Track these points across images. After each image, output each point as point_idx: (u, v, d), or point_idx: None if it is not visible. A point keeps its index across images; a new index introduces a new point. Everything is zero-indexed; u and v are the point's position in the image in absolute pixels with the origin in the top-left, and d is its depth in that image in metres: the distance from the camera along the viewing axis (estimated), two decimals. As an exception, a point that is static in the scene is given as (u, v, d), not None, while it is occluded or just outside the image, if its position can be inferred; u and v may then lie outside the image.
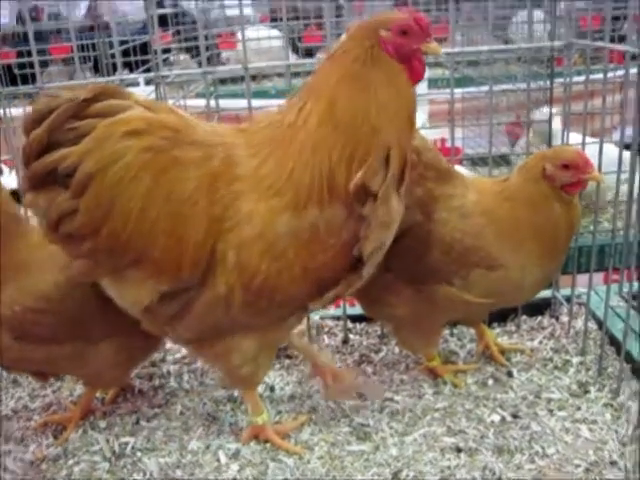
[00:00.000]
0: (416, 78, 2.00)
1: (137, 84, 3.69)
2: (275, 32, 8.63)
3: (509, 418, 2.43)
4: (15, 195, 2.27)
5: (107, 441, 2.44)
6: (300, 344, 2.60)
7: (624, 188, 2.54)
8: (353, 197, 1.94)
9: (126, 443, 2.43)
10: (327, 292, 2.05)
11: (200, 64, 2.89)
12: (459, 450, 2.27)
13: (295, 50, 8.55)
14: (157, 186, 1.91)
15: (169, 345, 2.99)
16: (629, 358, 2.59)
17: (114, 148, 1.87)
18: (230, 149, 2.00)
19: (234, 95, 6.37)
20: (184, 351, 2.96)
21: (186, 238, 1.95)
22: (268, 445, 2.34)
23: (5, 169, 4.76)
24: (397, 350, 2.89)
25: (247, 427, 2.41)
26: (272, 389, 2.69)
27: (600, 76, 2.69)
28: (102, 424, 2.54)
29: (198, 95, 5.63)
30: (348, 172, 1.93)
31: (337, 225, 1.96)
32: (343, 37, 2.08)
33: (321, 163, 1.93)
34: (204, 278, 1.99)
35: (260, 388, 2.66)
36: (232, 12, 8.08)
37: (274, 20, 10.17)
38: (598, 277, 2.73)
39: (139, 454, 2.37)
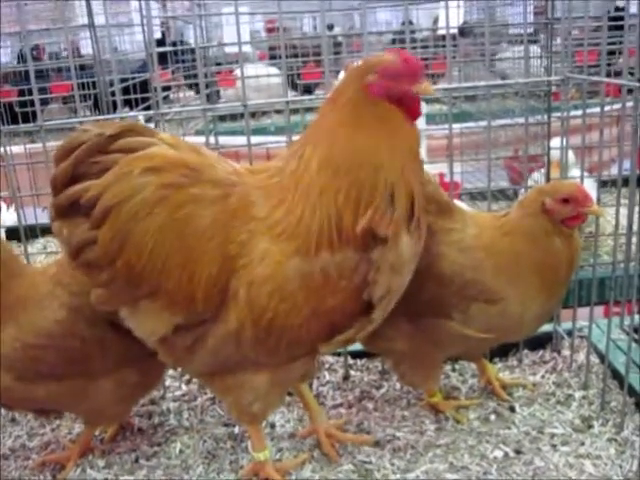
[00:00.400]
0: (412, 117, 2.02)
1: (137, 121, 3.71)
2: (274, 69, 8.71)
3: (512, 454, 2.40)
4: (12, 233, 2.28)
5: (106, 480, 2.41)
6: (307, 397, 2.58)
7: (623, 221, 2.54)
8: (361, 241, 1.94)
9: (125, 482, 2.40)
10: (338, 335, 2.05)
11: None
12: (462, 487, 2.25)
13: (294, 87, 8.63)
14: (172, 221, 1.96)
15: (169, 382, 2.98)
16: (632, 391, 2.57)
17: (132, 183, 1.93)
18: (248, 189, 2.03)
19: (233, 132, 6.42)
20: (184, 388, 2.94)
21: (199, 272, 1.98)
22: (269, 483, 2.32)
23: (3, 206, 4.77)
24: (398, 386, 2.87)
25: (248, 463, 2.38)
26: (273, 426, 2.66)
27: (597, 110, 2.71)
28: (101, 463, 2.51)
29: (198, 132, 5.68)
30: (355, 215, 1.94)
31: (348, 269, 1.96)
32: (340, 78, 2.10)
33: (328, 207, 1.95)
34: (217, 313, 2.01)
35: (260, 425, 2.64)
36: (231, 50, 8.15)
37: (273, 57, 10.27)
38: (599, 310, 2.72)
39: (138, 493, 2.35)
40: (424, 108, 2.89)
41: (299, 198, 1.98)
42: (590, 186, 2.50)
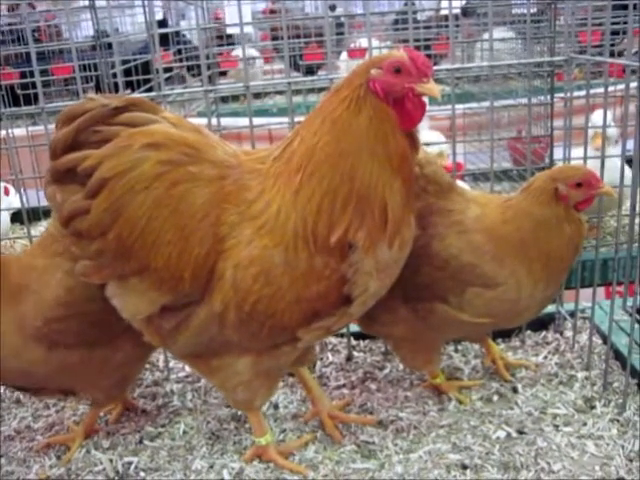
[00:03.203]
0: (408, 124, 1.96)
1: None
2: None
3: (515, 434, 2.41)
4: (15, 215, 2.27)
5: (110, 461, 2.43)
6: (309, 380, 2.59)
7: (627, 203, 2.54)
8: (338, 250, 1.94)
9: (129, 463, 2.42)
10: (316, 322, 2.04)
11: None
12: (465, 467, 2.26)
13: (296, 68, 8.59)
14: (167, 197, 1.97)
15: (172, 364, 2.99)
16: (634, 372, 2.58)
17: (132, 157, 1.94)
18: (244, 173, 2.04)
19: (235, 113, 6.40)
20: (187, 370, 2.95)
21: (189, 251, 1.98)
22: (272, 464, 2.33)
23: (12, 190, 4.75)
24: (401, 367, 2.88)
25: (251, 447, 2.40)
26: (276, 407, 2.68)
27: (600, 90, 2.69)
28: (105, 444, 2.53)
29: (200, 114, 5.66)
30: (329, 226, 1.93)
31: (328, 268, 1.97)
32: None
33: (303, 211, 1.95)
34: (203, 294, 2.02)
35: (264, 406, 2.65)
36: (233, 30, 8.11)
37: (275, 38, 10.23)
38: (602, 291, 2.72)
39: (142, 474, 2.36)
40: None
41: (276, 193, 1.98)
42: (594, 166, 2.48)
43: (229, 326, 2.04)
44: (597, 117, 3.41)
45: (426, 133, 3.89)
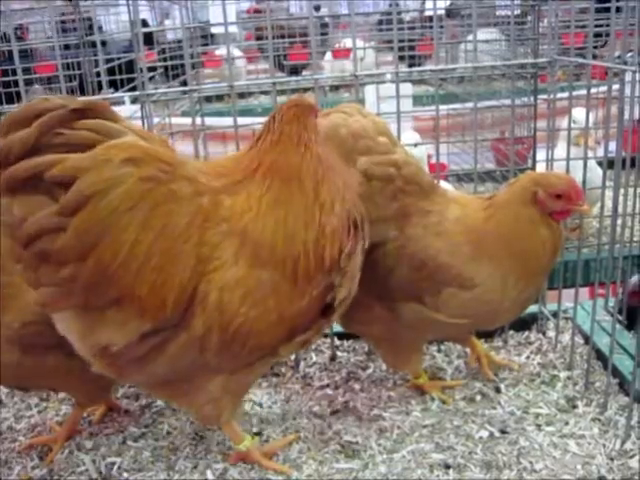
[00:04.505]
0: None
1: (122, 102, 3.68)
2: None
3: (497, 434, 2.42)
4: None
5: (93, 462, 2.42)
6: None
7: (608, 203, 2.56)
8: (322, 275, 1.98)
9: (113, 463, 2.40)
10: (297, 337, 2.03)
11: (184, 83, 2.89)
12: (448, 466, 2.26)
13: (281, 68, 8.59)
14: (152, 218, 1.82)
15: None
16: (616, 372, 2.59)
17: (113, 173, 1.77)
18: (215, 189, 1.97)
19: (220, 113, 6.38)
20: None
21: (173, 275, 1.86)
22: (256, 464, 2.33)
23: None
24: (384, 367, 2.88)
25: (233, 452, 2.39)
26: (260, 405, 2.68)
27: (583, 92, 2.71)
28: (88, 444, 2.52)
29: (184, 113, 5.64)
30: (309, 258, 1.96)
31: (314, 280, 1.98)
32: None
33: (286, 229, 1.96)
34: (181, 319, 1.90)
35: (247, 406, 2.66)
36: (217, 30, 8.10)
37: (259, 38, 10.22)
38: (584, 292, 2.73)
39: (126, 474, 2.35)
40: (410, 89, 2.91)
41: (250, 208, 1.96)
42: (577, 167, 2.50)
43: (210, 349, 1.95)
44: (578, 114, 3.43)
45: (408, 134, 3.89)
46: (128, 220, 1.79)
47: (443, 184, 2.76)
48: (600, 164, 2.44)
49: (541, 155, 2.99)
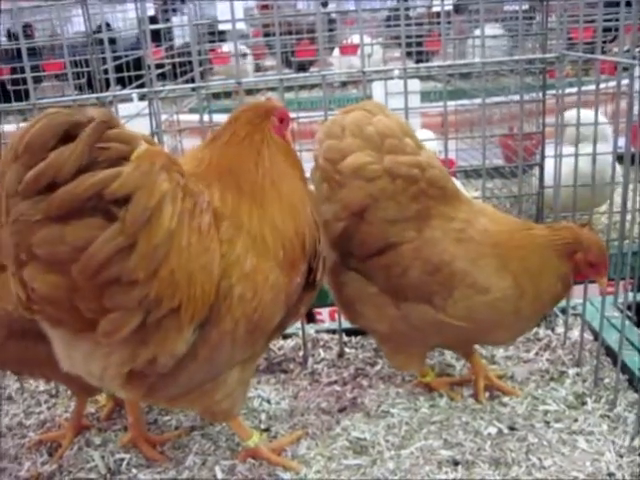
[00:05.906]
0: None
1: (130, 100, 3.69)
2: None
3: (506, 430, 2.42)
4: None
5: (102, 458, 2.43)
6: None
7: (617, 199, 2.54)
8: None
9: (121, 459, 2.41)
10: (292, 314, 2.17)
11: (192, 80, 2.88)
12: (456, 463, 2.26)
13: (288, 64, 8.58)
14: (192, 219, 1.83)
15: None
16: (625, 369, 2.59)
17: (162, 186, 1.72)
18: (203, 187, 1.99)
19: (227, 110, 6.38)
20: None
21: (211, 273, 1.88)
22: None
23: None
24: (393, 363, 2.88)
25: (242, 449, 2.39)
26: (269, 402, 2.68)
27: (592, 87, 2.70)
28: (97, 440, 2.52)
29: (191, 110, 5.64)
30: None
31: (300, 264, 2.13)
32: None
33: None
34: (208, 317, 1.90)
35: (256, 402, 2.66)
36: (225, 27, 8.10)
37: (267, 35, 10.21)
38: (593, 288, 2.72)
39: (134, 470, 2.36)
40: (417, 85, 2.89)
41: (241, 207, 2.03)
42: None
43: (238, 340, 1.98)
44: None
45: (422, 132, 3.89)
46: (180, 227, 1.77)
47: (465, 193, 2.72)
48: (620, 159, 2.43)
49: (549, 151, 2.98)
